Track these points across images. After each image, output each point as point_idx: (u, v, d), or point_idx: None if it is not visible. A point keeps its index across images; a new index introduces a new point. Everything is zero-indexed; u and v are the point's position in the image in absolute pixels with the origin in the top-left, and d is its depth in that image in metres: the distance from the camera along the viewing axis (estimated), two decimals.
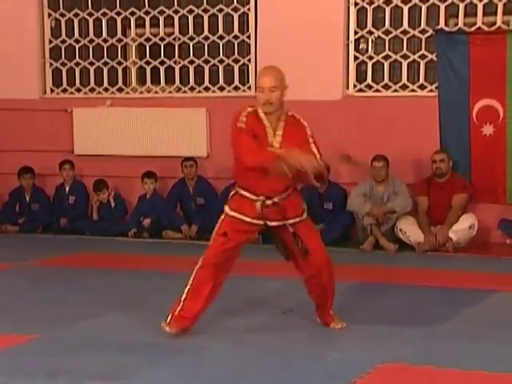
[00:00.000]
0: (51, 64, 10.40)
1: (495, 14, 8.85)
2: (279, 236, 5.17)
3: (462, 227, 8.52)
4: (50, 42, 10.37)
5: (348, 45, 9.30)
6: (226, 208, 5.15)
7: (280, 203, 5.04)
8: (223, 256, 5.09)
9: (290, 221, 5.09)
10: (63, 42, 10.34)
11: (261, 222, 5.09)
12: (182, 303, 5.10)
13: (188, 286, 5.10)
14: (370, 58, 9.30)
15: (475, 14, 8.90)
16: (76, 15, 10.27)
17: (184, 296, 5.10)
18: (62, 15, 10.31)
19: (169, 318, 5.12)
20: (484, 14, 8.88)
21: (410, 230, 8.61)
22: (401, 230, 8.65)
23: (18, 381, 4.40)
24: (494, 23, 8.84)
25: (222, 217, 5.15)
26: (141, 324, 5.54)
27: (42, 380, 4.40)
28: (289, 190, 5.09)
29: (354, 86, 9.35)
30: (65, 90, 10.41)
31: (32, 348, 5.01)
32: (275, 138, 5.02)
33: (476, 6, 8.88)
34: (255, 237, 5.28)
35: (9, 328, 5.43)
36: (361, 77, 9.37)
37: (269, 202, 5.04)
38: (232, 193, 5.20)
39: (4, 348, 4.98)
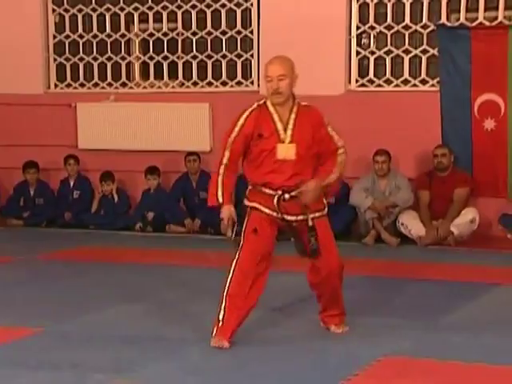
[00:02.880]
0: (55, 59, 10.44)
1: (497, 9, 8.87)
2: (296, 233, 4.98)
3: (464, 221, 8.56)
4: (54, 37, 10.41)
5: (350, 40, 9.33)
6: (246, 201, 5.01)
7: (298, 197, 4.88)
8: (258, 253, 4.88)
9: (311, 215, 4.92)
10: (67, 37, 10.39)
11: (279, 216, 4.91)
12: (222, 312, 4.85)
13: (226, 291, 4.85)
14: (372, 52, 9.33)
15: (477, 9, 8.92)
16: (80, 10, 10.31)
17: (224, 304, 4.86)
18: (66, 10, 10.35)
19: (214, 331, 4.86)
20: (485, 9, 8.90)
21: (412, 224, 8.65)
22: (402, 224, 8.69)
23: (22, 373, 4.44)
24: (496, 18, 8.86)
25: (248, 213, 4.97)
26: (145, 317, 5.60)
27: (46, 373, 4.45)
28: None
29: (356, 81, 9.38)
30: (69, 85, 10.45)
31: (37, 341, 5.06)
32: (286, 134, 4.91)
33: (477, 1, 8.89)
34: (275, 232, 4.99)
35: (14, 321, 5.49)
36: (363, 72, 9.40)
37: (286, 196, 4.91)
38: (249, 189, 5.04)
39: (9, 341, 5.03)
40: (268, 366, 4.61)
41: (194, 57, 9.96)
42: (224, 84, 9.88)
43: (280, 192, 4.92)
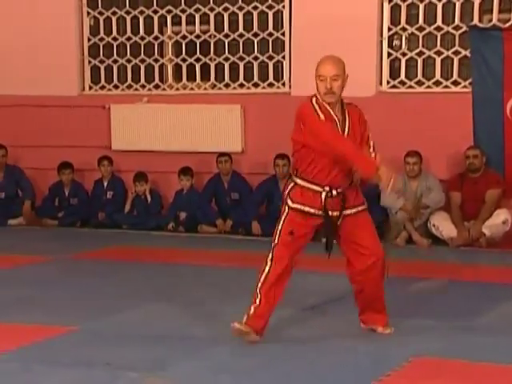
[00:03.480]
0: (90, 61, 10.57)
1: None
2: (335, 226, 4.98)
3: (496, 222, 8.54)
4: (89, 39, 10.53)
5: (381, 41, 9.34)
6: (289, 201, 4.96)
7: (343, 193, 4.92)
8: (292, 254, 4.94)
9: (348, 211, 4.95)
10: (101, 39, 10.51)
11: (322, 213, 4.92)
12: (257, 303, 4.90)
13: (260, 286, 4.90)
14: (404, 54, 9.33)
15: (509, 10, 8.90)
16: (114, 13, 10.42)
17: (259, 297, 4.90)
18: (101, 13, 10.47)
19: (244, 319, 4.93)
20: None
21: (443, 225, 8.64)
22: (434, 225, 8.68)
23: (57, 371, 4.52)
24: None
25: (285, 212, 4.96)
26: (175, 317, 5.66)
27: (80, 371, 4.51)
28: (354, 181, 4.99)
29: (388, 83, 9.38)
30: (103, 87, 10.57)
31: (71, 339, 5.14)
32: (344, 130, 4.93)
33: (510, 1, 8.87)
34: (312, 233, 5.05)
35: (49, 319, 5.57)
36: (394, 73, 9.41)
37: (334, 192, 4.90)
38: (290, 186, 5.01)
39: (44, 339, 5.11)
40: (298, 365, 4.64)
41: (226, 59, 10.02)
42: (256, 86, 9.93)
43: (327, 189, 4.91)
